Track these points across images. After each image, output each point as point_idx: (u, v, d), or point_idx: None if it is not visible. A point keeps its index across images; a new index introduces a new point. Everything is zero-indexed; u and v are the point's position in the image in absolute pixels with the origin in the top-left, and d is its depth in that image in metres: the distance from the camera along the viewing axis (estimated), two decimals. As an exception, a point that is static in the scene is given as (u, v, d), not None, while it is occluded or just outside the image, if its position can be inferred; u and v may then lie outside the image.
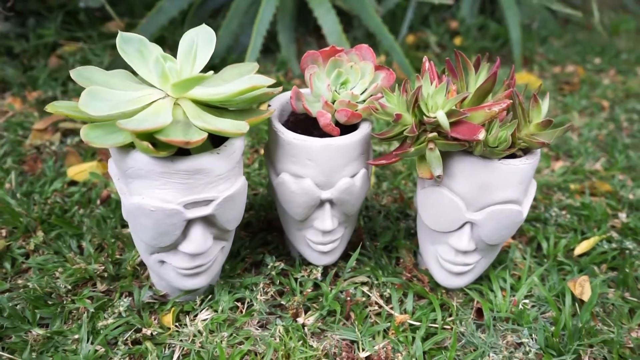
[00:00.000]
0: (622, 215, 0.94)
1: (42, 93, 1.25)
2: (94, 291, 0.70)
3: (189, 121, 0.60)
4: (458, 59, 0.69)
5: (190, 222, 0.61)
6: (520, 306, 0.71)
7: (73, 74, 0.62)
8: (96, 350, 0.61)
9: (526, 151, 0.67)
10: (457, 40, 1.73)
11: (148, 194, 0.58)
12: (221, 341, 0.64)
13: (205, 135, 0.56)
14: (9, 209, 0.81)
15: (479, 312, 0.72)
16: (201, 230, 0.61)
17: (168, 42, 1.47)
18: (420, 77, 0.66)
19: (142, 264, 0.76)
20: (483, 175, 0.64)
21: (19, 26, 1.47)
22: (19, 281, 0.72)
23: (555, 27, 1.96)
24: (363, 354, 0.64)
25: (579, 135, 1.27)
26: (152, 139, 0.55)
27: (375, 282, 0.76)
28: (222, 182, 0.61)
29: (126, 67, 0.65)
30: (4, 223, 0.81)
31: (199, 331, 0.65)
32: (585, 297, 0.72)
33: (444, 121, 0.61)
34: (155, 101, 0.60)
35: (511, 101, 0.62)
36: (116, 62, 1.30)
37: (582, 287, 0.74)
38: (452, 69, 0.71)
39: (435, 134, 0.62)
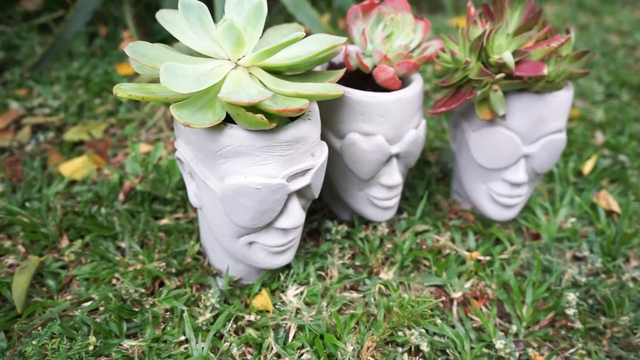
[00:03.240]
0: (599, 135, 1.05)
1: (-28, 88, 1.07)
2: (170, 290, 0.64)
3: (270, 89, 0.56)
4: (496, 3, 0.71)
5: (287, 197, 0.58)
6: (569, 225, 0.78)
7: (129, 51, 0.54)
8: (211, 348, 0.56)
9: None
10: (388, -8, 1.76)
11: (250, 172, 0.54)
12: (321, 311, 0.63)
13: (306, 100, 0.53)
14: (22, 220, 0.70)
15: (534, 238, 0.78)
16: (297, 203, 0.59)
17: (104, 17, 1.32)
18: (476, 23, 0.67)
19: (200, 253, 0.71)
20: (538, 109, 0.68)
21: None
22: (68, 296, 0.64)
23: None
24: (456, 294, 0.67)
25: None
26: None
27: (432, 227, 0.78)
28: (316, 149, 0.58)
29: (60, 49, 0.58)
30: (19, 237, 0.70)
31: (300, 307, 0.63)
32: (614, 208, 0.81)
33: (511, 61, 0.63)
34: (229, 72, 0.55)
35: (570, 35, 0.66)
36: (56, 46, 1.14)
37: (607, 200, 0.83)
38: (490, 12, 0.73)
39: (502, 75, 0.65)
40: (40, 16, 1.28)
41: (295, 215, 0.58)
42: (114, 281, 0.65)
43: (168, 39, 1.30)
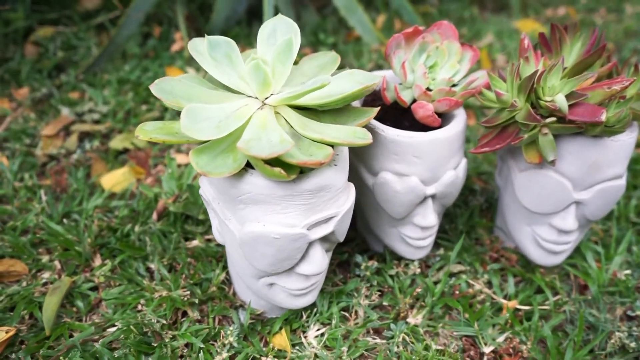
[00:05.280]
0: (670, 166, 0.95)
1: (30, 89, 1.11)
2: (191, 323, 0.64)
3: (296, 132, 0.54)
4: (554, 32, 0.65)
5: (309, 244, 0.55)
6: (622, 276, 0.71)
7: (154, 90, 0.53)
8: (224, 391, 0.56)
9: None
10: (451, -10, 1.67)
11: (269, 220, 0.52)
12: (341, 357, 0.61)
13: (331, 150, 0.50)
14: (60, 237, 0.73)
15: (582, 287, 0.72)
16: (320, 250, 0.56)
17: (159, 16, 1.33)
18: (528, 59, 0.61)
19: (225, 282, 0.70)
20: (593, 155, 0.62)
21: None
22: (95, 319, 0.65)
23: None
24: (487, 349, 0.63)
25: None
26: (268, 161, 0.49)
27: (469, 267, 0.74)
28: (341, 196, 0.55)
29: (111, 53, 0.57)
30: (55, 253, 0.72)
31: (318, 352, 0.61)
32: (678, 259, 0.73)
33: (564, 105, 0.57)
34: (254, 113, 0.53)
35: (635, 79, 0.59)
36: (110, 49, 1.17)
37: (670, 248, 0.75)
38: (547, 43, 0.67)
39: (553, 118, 0.59)
40: (98, 16, 1.31)
41: (317, 262, 0.56)
42: (139, 307, 0.66)
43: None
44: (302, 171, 0.52)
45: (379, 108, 0.59)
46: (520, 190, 0.68)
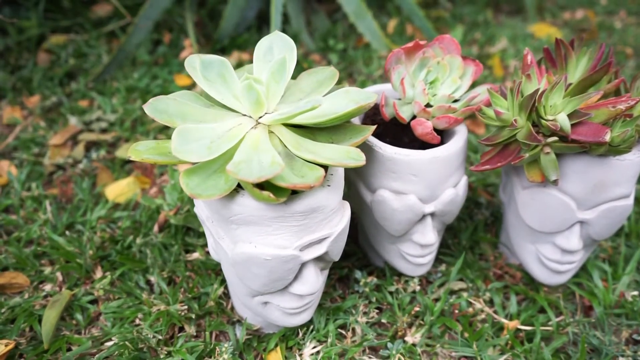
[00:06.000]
0: (686, 179, 0.92)
1: (41, 97, 1.12)
2: (187, 339, 0.64)
3: (290, 152, 0.53)
4: (559, 47, 0.63)
5: (303, 264, 0.55)
6: (629, 298, 0.69)
7: (148, 110, 0.53)
8: (217, 411, 0.56)
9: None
10: (465, -7, 1.65)
11: (260, 242, 0.52)
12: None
13: (322, 172, 0.50)
14: (61, 249, 0.73)
15: (587, 307, 0.70)
16: (314, 270, 0.56)
17: (169, 23, 1.34)
18: (530, 75, 0.60)
19: (223, 297, 0.70)
20: (598, 174, 0.60)
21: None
22: (94, 332, 0.66)
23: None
24: (486, 371, 0.62)
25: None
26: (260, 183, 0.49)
27: (470, 284, 0.72)
28: (335, 216, 0.55)
29: (123, 60, 0.57)
30: (57, 265, 0.73)
31: (314, 370, 0.61)
32: (689, 280, 0.71)
33: (566, 125, 0.56)
34: (247, 132, 0.53)
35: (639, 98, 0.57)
36: (119, 57, 1.18)
37: (681, 268, 0.72)
38: (552, 58, 0.65)
39: (555, 138, 0.57)
40: (109, 23, 1.32)
41: (310, 282, 0.56)
42: (137, 320, 0.66)
43: (227, 47, 1.30)
44: (294, 191, 0.52)
45: (375, 127, 0.58)
46: (523, 208, 0.67)
